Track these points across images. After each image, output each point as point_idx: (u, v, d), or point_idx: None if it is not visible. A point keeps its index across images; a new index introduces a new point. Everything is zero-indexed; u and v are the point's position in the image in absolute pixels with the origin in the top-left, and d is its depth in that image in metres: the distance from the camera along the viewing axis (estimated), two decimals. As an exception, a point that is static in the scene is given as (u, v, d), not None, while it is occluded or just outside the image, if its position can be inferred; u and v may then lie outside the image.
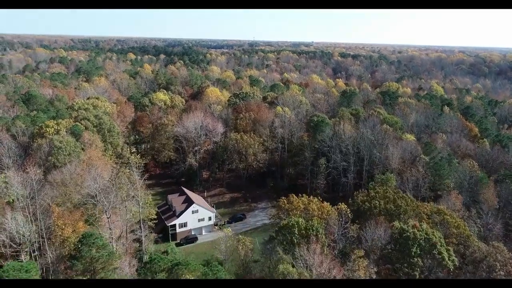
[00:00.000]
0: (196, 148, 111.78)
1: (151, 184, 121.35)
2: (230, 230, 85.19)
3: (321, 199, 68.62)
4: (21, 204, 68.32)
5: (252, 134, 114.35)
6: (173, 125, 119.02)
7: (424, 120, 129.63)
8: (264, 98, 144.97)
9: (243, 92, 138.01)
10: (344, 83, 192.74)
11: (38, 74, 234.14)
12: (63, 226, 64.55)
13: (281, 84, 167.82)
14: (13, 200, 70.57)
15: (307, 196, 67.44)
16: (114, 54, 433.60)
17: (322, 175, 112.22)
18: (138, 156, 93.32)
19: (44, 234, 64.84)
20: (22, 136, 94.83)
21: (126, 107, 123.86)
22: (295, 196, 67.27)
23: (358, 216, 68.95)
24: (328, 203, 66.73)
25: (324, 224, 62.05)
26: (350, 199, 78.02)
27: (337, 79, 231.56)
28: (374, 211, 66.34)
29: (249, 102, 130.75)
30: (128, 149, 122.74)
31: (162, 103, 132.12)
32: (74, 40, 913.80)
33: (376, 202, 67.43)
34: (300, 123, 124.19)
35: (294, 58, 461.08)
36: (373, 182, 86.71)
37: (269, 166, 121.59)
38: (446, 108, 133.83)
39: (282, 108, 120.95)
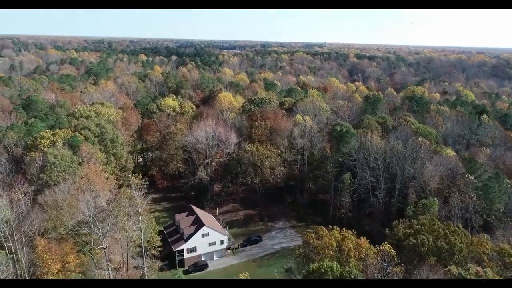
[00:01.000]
0: (207, 161, 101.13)
1: (158, 198, 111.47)
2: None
3: (355, 233, 56.98)
4: (2, 234, 58.64)
5: (269, 145, 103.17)
6: (182, 134, 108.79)
7: (459, 130, 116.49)
8: (281, 104, 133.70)
9: (258, 98, 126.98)
10: (366, 87, 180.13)
11: (46, 76, 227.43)
12: (50, 262, 54.53)
13: (298, 89, 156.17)
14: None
15: (339, 229, 55.90)
16: (126, 55, 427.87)
17: (347, 191, 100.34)
18: (141, 176, 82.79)
19: (26, 273, 54.94)
20: (15, 148, 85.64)
21: (132, 114, 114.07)
22: (324, 229, 55.89)
23: (400, 253, 57.14)
24: (365, 239, 55.05)
25: (361, 267, 50.66)
26: (387, 229, 66.16)
27: (357, 82, 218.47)
28: (421, 249, 54.51)
29: (265, 108, 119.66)
30: (133, 159, 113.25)
31: (171, 109, 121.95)
32: (88, 41, 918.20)
33: (424, 237, 55.57)
34: (322, 133, 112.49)
35: (309, 60, 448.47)
36: (411, 207, 74.68)
37: (287, 180, 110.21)
38: (484, 117, 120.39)
39: (302, 117, 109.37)
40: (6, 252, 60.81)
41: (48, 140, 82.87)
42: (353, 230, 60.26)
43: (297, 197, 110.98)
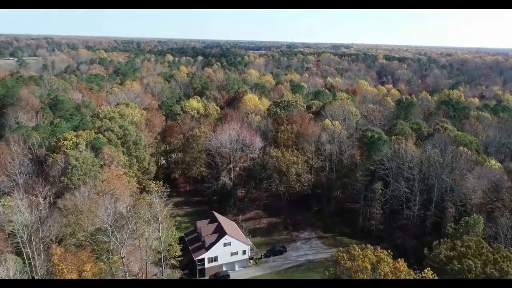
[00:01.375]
0: (230, 165, 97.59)
1: (180, 202, 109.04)
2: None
3: (391, 254, 51.47)
4: (21, 239, 57.13)
5: (295, 151, 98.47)
6: (206, 137, 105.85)
7: (503, 139, 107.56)
8: (308, 108, 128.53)
9: (284, 101, 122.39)
10: (397, 90, 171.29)
11: (76, 75, 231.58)
12: (66, 271, 52.29)
13: (326, 91, 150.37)
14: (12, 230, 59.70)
15: (372, 250, 50.58)
16: (153, 55, 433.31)
17: (378, 202, 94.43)
18: (163, 180, 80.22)
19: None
20: (39, 149, 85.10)
21: (156, 115, 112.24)
22: (357, 248, 50.77)
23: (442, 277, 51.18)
24: (403, 261, 49.52)
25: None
26: (425, 249, 60.14)
27: (387, 85, 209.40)
28: (468, 275, 48.50)
29: (291, 112, 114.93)
30: (156, 162, 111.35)
31: (195, 111, 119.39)
32: (118, 41, 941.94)
33: (470, 262, 49.46)
34: (351, 138, 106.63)
35: (336, 61, 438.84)
36: (451, 224, 68.12)
37: (313, 187, 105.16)
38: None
39: (331, 121, 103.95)
40: (24, 257, 59.36)
41: (71, 142, 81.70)
42: (384, 243, 55.36)
43: (323, 206, 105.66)
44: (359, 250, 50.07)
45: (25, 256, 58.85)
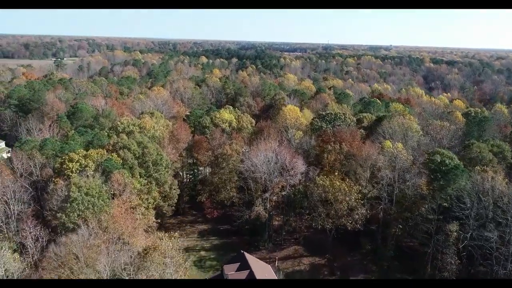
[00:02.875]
0: (266, 194, 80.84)
1: (205, 231, 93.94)
2: None
3: None
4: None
5: (347, 180, 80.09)
6: (238, 155, 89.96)
7: None
8: (358, 121, 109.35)
9: (330, 113, 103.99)
10: (459, 100, 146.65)
11: (106, 78, 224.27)
12: None
13: (377, 101, 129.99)
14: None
15: None
16: (187, 57, 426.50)
17: (452, 248, 74.20)
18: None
19: None
20: (43, 169, 72.30)
21: (182, 129, 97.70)
22: None
23: None
24: None
25: None
26: None
27: (445, 94, 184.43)
28: None
29: (340, 128, 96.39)
30: (180, 181, 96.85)
31: (227, 124, 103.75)
32: (155, 42, 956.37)
33: None
34: (416, 163, 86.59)
35: (377, 64, 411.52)
36: None
37: (366, 222, 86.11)
38: None
39: (391, 142, 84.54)
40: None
41: (78, 164, 68.20)
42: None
43: (378, 245, 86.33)
44: None
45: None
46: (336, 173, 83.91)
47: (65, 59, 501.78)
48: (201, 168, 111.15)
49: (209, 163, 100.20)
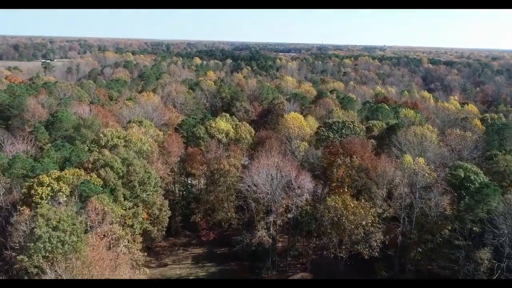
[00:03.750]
0: (270, 218, 70.82)
1: (200, 255, 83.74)
2: None
3: None
4: None
5: (362, 200, 70.39)
6: (237, 170, 79.93)
7: None
8: (368, 130, 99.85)
9: (338, 122, 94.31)
10: (472, 105, 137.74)
11: (95, 81, 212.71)
12: None
13: (385, 107, 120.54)
14: None
15: None
16: (180, 58, 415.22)
17: (484, 276, 64.99)
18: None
19: None
20: (8, 195, 61.54)
21: (174, 139, 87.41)
22: None
23: None
24: None
25: None
26: None
27: (453, 98, 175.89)
28: None
29: (349, 139, 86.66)
30: (170, 199, 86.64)
31: (223, 134, 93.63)
32: (148, 43, 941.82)
33: None
34: (437, 178, 76.94)
35: (375, 65, 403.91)
36: None
37: (382, 246, 76.41)
38: None
39: (411, 157, 74.86)
40: None
41: (49, 189, 57.60)
42: None
43: (396, 273, 76.69)
44: None
45: None
46: (347, 190, 74.56)
47: (55, 60, 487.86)
48: (195, 182, 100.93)
49: (204, 178, 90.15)
